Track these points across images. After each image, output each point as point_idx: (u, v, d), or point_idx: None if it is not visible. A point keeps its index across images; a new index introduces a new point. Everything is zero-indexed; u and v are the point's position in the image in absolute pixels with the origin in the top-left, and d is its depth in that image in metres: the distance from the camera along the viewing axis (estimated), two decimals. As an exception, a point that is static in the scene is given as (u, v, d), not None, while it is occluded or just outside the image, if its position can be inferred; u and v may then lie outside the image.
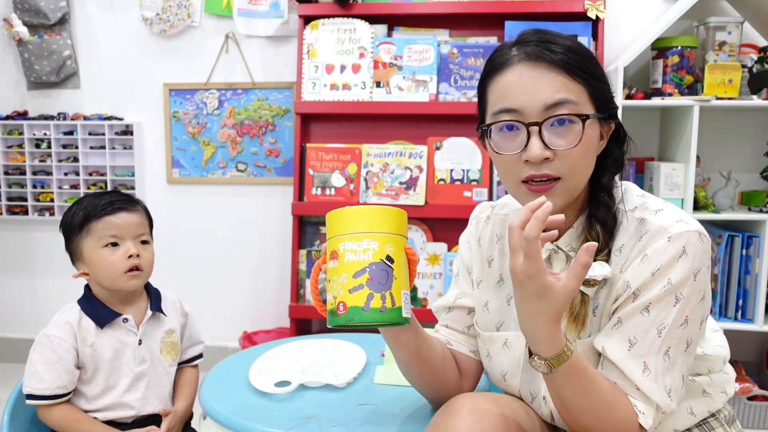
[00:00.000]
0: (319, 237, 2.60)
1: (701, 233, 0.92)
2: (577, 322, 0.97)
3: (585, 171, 0.95)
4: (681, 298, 0.90)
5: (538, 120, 0.91)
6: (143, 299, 1.42)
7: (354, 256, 0.90)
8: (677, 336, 0.90)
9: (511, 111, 0.93)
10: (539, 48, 0.92)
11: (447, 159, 2.44)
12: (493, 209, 1.17)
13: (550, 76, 0.91)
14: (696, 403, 1.04)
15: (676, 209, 0.96)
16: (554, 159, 0.92)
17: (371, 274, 0.89)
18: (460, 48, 2.43)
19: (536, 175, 0.93)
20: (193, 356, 1.51)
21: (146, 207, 1.44)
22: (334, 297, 0.91)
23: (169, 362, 1.42)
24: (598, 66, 0.96)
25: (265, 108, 2.71)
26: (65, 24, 2.75)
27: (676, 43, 2.24)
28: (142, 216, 1.39)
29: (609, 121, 0.98)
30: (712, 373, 1.06)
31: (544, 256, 1.02)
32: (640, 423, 0.89)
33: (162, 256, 2.80)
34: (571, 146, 0.91)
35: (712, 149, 2.42)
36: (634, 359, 0.90)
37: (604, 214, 0.97)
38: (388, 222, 0.93)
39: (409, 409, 1.15)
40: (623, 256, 0.95)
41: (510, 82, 0.93)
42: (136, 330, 1.37)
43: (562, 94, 0.91)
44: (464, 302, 1.16)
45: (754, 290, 2.20)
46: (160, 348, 1.41)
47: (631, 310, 0.91)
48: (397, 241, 0.93)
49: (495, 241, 1.13)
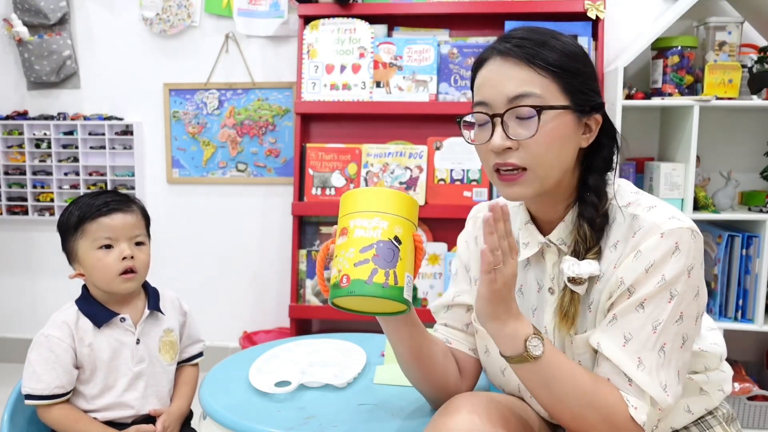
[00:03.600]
0: (319, 237, 2.60)
1: (693, 230, 0.93)
2: (567, 319, 0.98)
3: (553, 161, 0.96)
4: (675, 294, 0.90)
5: (501, 111, 0.95)
6: (141, 298, 1.41)
7: (363, 232, 0.93)
8: (672, 332, 0.91)
9: (482, 104, 0.98)
10: (512, 44, 0.96)
11: (447, 159, 2.44)
12: None
13: (515, 71, 0.94)
14: (693, 401, 1.04)
15: (669, 206, 0.97)
16: (518, 149, 0.95)
17: (378, 250, 0.91)
18: (460, 48, 2.44)
19: (501, 164, 0.96)
20: (192, 355, 1.50)
21: (143, 207, 1.42)
22: (338, 270, 0.93)
23: (168, 361, 1.42)
24: (579, 61, 0.97)
25: (265, 108, 2.71)
26: (65, 24, 2.75)
27: (676, 43, 2.24)
28: (137, 217, 1.37)
29: (592, 115, 0.98)
30: (709, 371, 1.06)
31: (536, 250, 1.04)
32: (632, 416, 0.89)
33: (162, 256, 2.81)
34: (529, 136, 0.93)
35: (712, 149, 2.42)
36: (628, 354, 0.91)
37: (591, 214, 0.98)
38: (400, 205, 0.95)
39: (409, 409, 1.15)
40: (617, 252, 0.96)
41: (483, 77, 0.98)
42: (134, 329, 1.36)
43: (525, 87, 0.93)
44: (463, 299, 1.16)
45: (754, 290, 2.20)
46: (158, 347, 1.40)
47: (626, 307, 0.92)
48: (407, 225, 0.95)
49: None
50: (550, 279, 1.03)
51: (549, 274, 1.03)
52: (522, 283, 1.08)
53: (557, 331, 1.02)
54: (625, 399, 0.91)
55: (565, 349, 1.01)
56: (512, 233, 0.89)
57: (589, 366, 0.98)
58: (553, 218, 1.03)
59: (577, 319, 0.98)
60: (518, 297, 1.08)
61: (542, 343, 0.90)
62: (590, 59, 1.01)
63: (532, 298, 1.06)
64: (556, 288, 1.03)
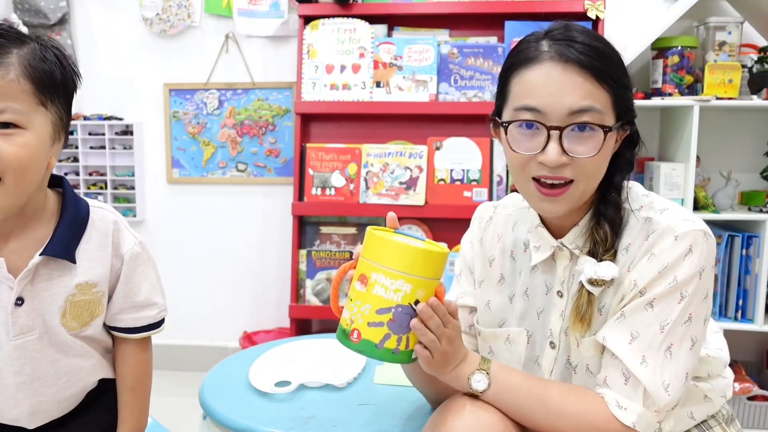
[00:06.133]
0: (319, 237, 2.60)
1: (706, 232, 0.92)
2: (584, 321, 0.97)
3: (598, 176, 0.95)
4: (686, 295, 0.90)
5: (561, 124, 0.90)
6: (39, 228, 0.91)
7: (383, 292, 0.87)
8: (680, 333, 0.90)
9: (533, 110, 0.91)
10: (571, 48, 0.90)
11: (447, 159, 2.44)
12: (496, 209, 1.17)
13: (578, 81, 0.89)
14: (697, 408, 1.04)
15: (681, 208, 0.97)
16: (570, 164, 0.91)
17: (395, 315, 0.87)
18: (460, 48, 2.44)
19: (549, 177, 0.92)
20: (136, 326, 1.01)
21: (41, 51, 0.85)
22: (351, 320, 0.89)
23: (74, 329, 0.95)
24: (625, 72, 0.94)
25: (265, 108, 2.71)
26: (65, 24, 2.75)
27: (676, 43, 2.24)
28: (16, 73, 0.81)
29: (626, 127, 0.97)
30: (713, 378, 1.05)
31: (548, 254, 1.02)
32: (615, 416, 0.89)
33: (162, 256, 2.82)
34: (590, 155, 0.90)
35: (712, 149, 2.42)
36: (633, 352, 0.90)
37: (613, 214, 0.96)
38: (429, 266, 0.88)
39: (409, 409, 1.15)
40: (630, 255, 0.95)
41: (536, 80, 0.91)
42: (12, 282, 0.89)
43: (588, 101, 0.89)
44: (466, 301, 1.16)
45: (754, 290, 2.20)
46: (60, 310, 0.93)
47: (635, 306, 0.92)
48: (431, 285, 0.89)
49: (496, 241, 1.13)
50: (560, 282, 1.02)
51: (559, 277, 1.02)
52: (528, 285, 1.07)
53: (563, 334, 1.01)
54: (607, 400, 0.90)
55: (571, 353, 1.00)
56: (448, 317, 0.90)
57: (596, 370, 0.97)
58: (565, 223, 1.01)
59: (592, 322, 0.97)
60: (524, 300, 1.07)
61: (487, 376, 0.93)
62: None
63: (538, 300, 1.05)
64: (565, 291, 1.02)
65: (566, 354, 1.01)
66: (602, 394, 0.92)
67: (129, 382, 1.04)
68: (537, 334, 1.05)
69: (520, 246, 1.09)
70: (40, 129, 0.84)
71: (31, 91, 0.83)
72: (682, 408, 1.01)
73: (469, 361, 0.95)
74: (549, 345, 1.03)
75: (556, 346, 1.02)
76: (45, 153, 0.86)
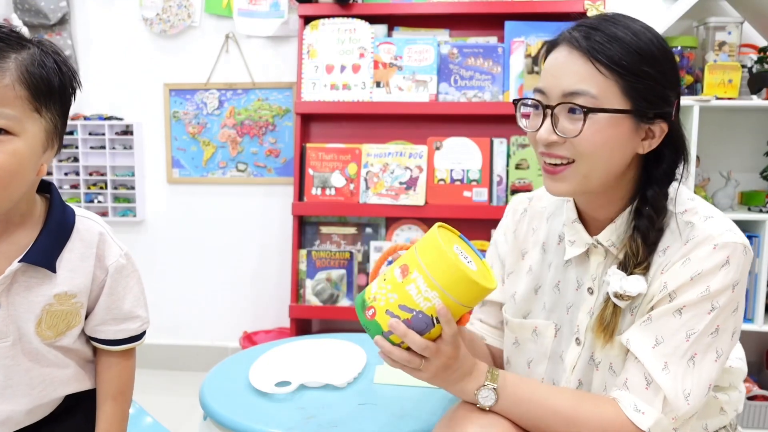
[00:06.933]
0: (319, 237, 2.60)
1: (746, 246, 0.92)
2: (606, 332, 0.96)
3: (599, 163, 0.93)
4: (716, 306, 0.89)
5: (553, 104, 0.93)
6: (23, 234, 0.90)
7: (415, 293, 0.87)
8: (705, 343, 0.89)
9: (539, 91, 0.96)
10: (581, 34, 0.92)
11: (447, 159, 2.44)
12: (531, 201, 1.16)
13: (577, 65, 0.91)
14: (712, 421, 1.04)
15: (725, 218, 0.95)
16: (565, 143, 0.93)
17: (413, 318, 0.88)
18: (460, 48, 2.44)
19: (546, 154, 0.95)
20: (116, 338, 0.99)
21: (41, 56, 0.83)
22: (374, 297, 0.91)
23: (49, 339, 0.93)
24: (652, 63, 0.91)
25: (265, 108, 2.71)
26: (65, 24, 2.75)
27: (676, 43, 2.24)
28: (11, 78, 0.80)
29: (656, 122, 0.93)
30: (731, 390, 1.05)
31: (583, 250, 1.02)
32: (631, 420, 0.88)
33: (162, 256, 2.82)
34: (574, 135, 0.91)
35: (712, 149, 2.42)
36: (656, 357, 0.89)
37: (645, 227, 0.95)
38: (468, 295, 0.88)
39: (409, 409, 1.15)
40: (666, 257, 0.94)
41: (548, 63, 0.96)
42: None
43: (581, 85, 0.90)
44: (496, 297, 1.16)
45: (754, 290, 2.20)
46: (36, 319, 0.91)
47: (663, 311, 0.91)
48: (460, 310, 0.90)
49: (530, 234, 1.13)
50: (591, 279, 1.01)
51: (591, 274, 1.01)
52: (560, 279, 1.06)
53: (590, 332, 1.00)
54: (624, 404, 0.90)
55: (595, 350, 0.99)
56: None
57: (619, 370, 0.96)
58: (602, 218, 1.00)
59: (615, 334, 0.96)
60: (554, 293, 1.07)
61: (494, 392, 0.93)
62: (672, 63, 0.95)
63: (569, 295, 1.05)
64: (595, 289, 1.01)
65: (590, 351, 1.00)
66: (619, 397, 0.91)
67: (111, 392, 1.01)
68: (564, 329, 1.05)
69: (553, 238, 1.09)
70: (32, 136, 0.83)
71: (26, 97, 0.81)
72: (699, 420, 1.01)
73: (475, 375, 0.94)
74: (575, 341, 1.03)
75: (581, 343, 1.02)
76: (35, 161, 0.84)
